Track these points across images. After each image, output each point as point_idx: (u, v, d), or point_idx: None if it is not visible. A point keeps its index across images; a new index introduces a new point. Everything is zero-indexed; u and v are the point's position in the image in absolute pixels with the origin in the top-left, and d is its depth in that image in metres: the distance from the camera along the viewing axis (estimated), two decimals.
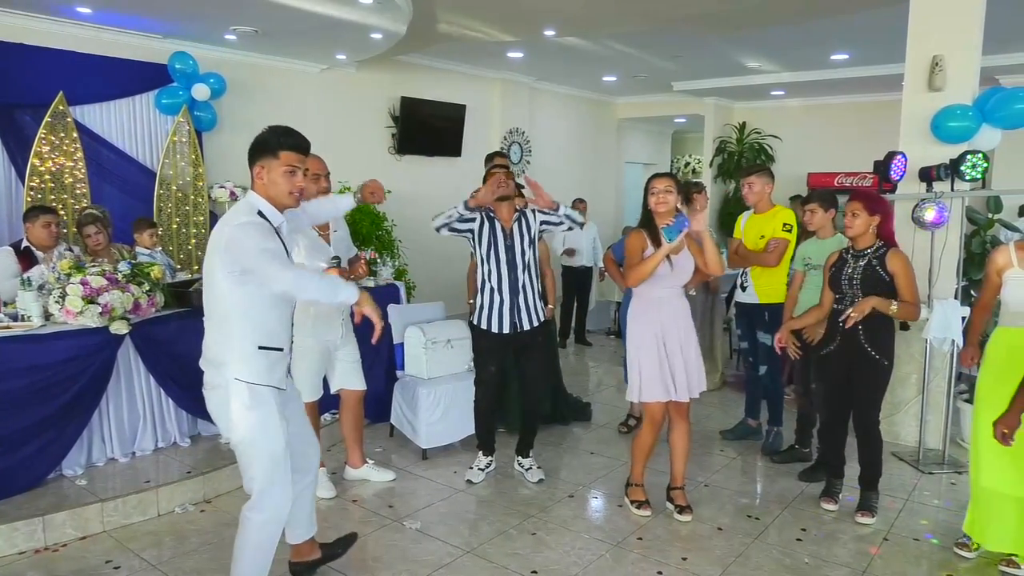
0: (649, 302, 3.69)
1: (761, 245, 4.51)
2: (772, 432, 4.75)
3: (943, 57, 4.64)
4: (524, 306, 4.02)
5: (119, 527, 3.60)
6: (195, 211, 6.48)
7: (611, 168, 12.08)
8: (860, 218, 3.62)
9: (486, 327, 4.04)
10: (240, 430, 2.56)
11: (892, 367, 3.71)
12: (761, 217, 4.58)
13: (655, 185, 3.66)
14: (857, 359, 3.67)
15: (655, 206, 3.63)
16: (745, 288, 4.65)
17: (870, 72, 8.54)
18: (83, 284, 3.81)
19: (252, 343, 2.53)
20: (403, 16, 5.88)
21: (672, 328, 3.66)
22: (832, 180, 10.00)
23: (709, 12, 6.10)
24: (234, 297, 2.50)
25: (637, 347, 3.70)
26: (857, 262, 3.67)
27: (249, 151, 2.62)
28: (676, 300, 3.71)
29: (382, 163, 8.25)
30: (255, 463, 2.59)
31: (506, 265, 3.98)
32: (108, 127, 6.16)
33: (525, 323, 4.04)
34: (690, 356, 3.70)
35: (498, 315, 4.01)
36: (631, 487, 3.94)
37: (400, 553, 3.41)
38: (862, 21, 6.33)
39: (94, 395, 3.87)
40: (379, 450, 4.73)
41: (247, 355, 2.53)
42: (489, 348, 4.09)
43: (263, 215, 2.55)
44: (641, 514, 3.81)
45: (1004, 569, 3.26)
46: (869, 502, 3.80)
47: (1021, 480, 3.17)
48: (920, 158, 4.65)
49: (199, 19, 5.83)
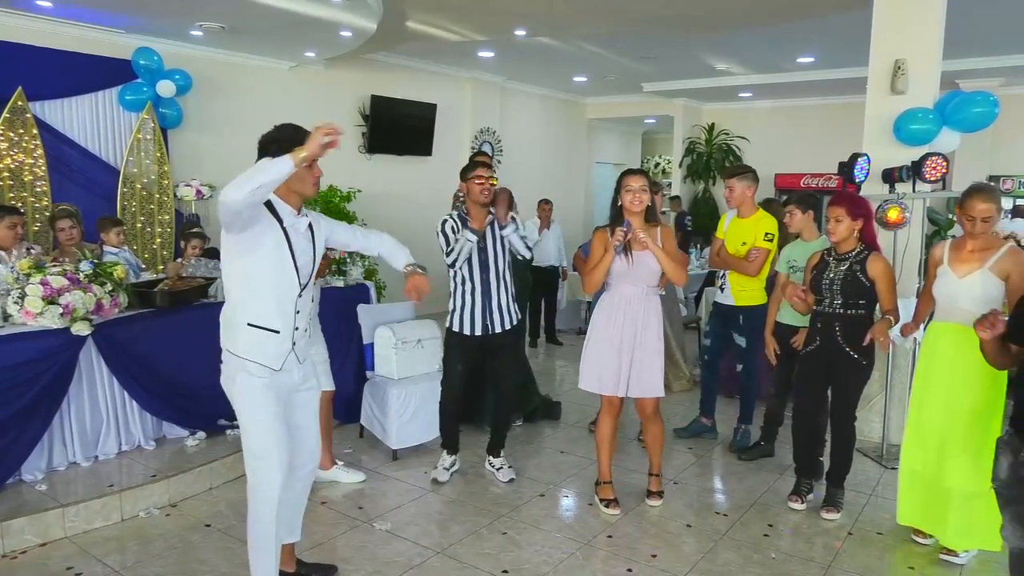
0: (614, 298, 3.74)
1: (743, 252, 4.53)
2: (741, 430, 4.81)
3: (905, 61, 4.74)
4: (496, 308, 4.03)
5: (81, 533, 3.52)
6: (160, 210, 6.38)
7: (581, 168, 12.14)
8: (844, 223, 3.65)
9: (458, 329, 4.04)
10: (234, 400, 2.66)
11: (871, 367, 3.77)
12: (745, 222, 4.58)
13: (630, 183, 3.64)
14: (836, 360, 3.73)
15: (630, 204, 3.63)
16: (723, 289, 4.70)
17: (835, 75, 8.69)
18: (43, 284, 3.72)
19: (243, 318, 2.61)
20: (373, 14, 5.84)
21: (632, 326, 3.69)
22: (799, 181, 10.17)
23: (678, 14, 6.15)
24: (231, 270, 2.61)
25: (588, 336, 3.84)
26: (839, 266, 3.71)
27: (259, 150, 2.59)
28: (642, 299, 3.71)
29: (352, 162, 8.19)
30: (244, 435, 2.65)
31: (478, 267, 3.97)
32: (70, 124, 6.03)
33: (497, 325, 4.04)
34: (646, 356, 3.70)
35: (470, 317, 4.01)
36: (600, 485, 3.97)
37: (370, 555, 3.38)
38: (828, 25, 6.44)
39: (55, 398, 3.79)
40: (349, 451, 4.69)
41: (236, 328, 2.61)
42: (459, 349, 4.08)
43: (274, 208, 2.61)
44: (610, 512, 3.84)
45: (943, 557, 3.40)
46: (835, 499, 3.87)
47: (927, 456, 3.39)
48: (883, 160, 4.74)
49: (164, 14, 5.73)
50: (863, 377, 3.77)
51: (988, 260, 3.20)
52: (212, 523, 3.69)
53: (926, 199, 4.77)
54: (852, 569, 3.31)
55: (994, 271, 3.19)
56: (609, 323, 3.73)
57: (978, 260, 3.23)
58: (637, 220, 3.66)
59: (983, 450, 3.08)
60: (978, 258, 3.23)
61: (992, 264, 3.19)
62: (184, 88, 6.43)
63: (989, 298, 3.20)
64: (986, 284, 3.20)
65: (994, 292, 3.20)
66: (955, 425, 3.27)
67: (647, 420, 3.88)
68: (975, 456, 3.19)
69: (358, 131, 8.34)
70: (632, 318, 3.70)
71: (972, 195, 3.21)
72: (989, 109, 4.59)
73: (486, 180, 3.89)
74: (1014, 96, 8.38)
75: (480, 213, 3.97)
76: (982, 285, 3.20)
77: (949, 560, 3.37)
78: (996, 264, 3.19)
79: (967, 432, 3.24)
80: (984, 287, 3.20)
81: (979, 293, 3.21)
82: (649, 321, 3.72)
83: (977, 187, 3.24)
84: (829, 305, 3.71)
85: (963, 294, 3.25)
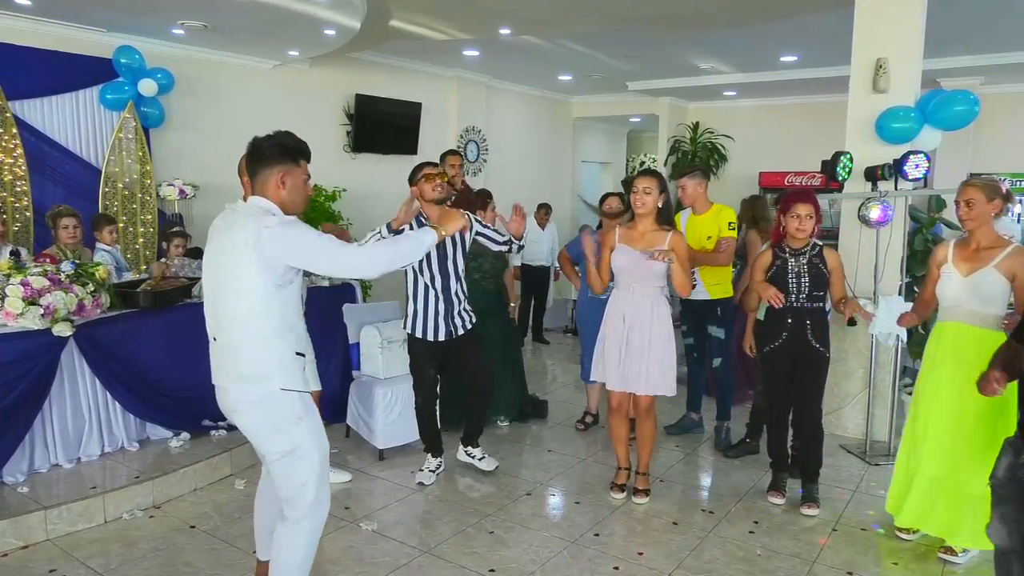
0: (621, 296, 3.83)
1: (709, 246, 4.57)
2: (724, 428, 4.82)
3: (887, 60, 4.78)
4: (458, 312, 4.01)
5: (64, 535, 3.48)
6: (143, 209, 6.31)
7: (567, 167, 12.13)
8: (814, 219, 3.72)
9: (421, 335, 4.00)
10: (295, 440, 2.46)
11: (830, 358, 3.87)
12: (703, 218, 4.62)
13: (635, 183, 3.75)
14: (803, 354, 3.78)
15: (634, 206, 3.73)
16: (694, 286, 4.71)
17: (818, 74, 8.72)
18: (24, 285, 3.68)
19: (291, 350, 2.45)
20: (357, 13, 5.81)
21: (639, 325, 3.75)
22: (783, 179, 10.22)
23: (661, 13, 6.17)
24: (272, 305, 2.39)
25: (600, 333, 3.93)
26: (798, 260, 3.75)
27: (261, 157, 2.47)
28: (642, 299, 3.76)
29: (337, 161, 8.15)
30: (309, 470, 2.49)
31: (439, 273, 3.93)
32: (50, 123, 5.94)
33: (459, 328, 4.03)
34: (654, 353, 3.76)
35: (433, 323, 3.97)
36: (618, 471, 4.11)
37: (356, 555, 3.37)
38: (811, 24, 6.47)
39: (36, 399, 3.75)
40: (335, 451, 4.66)
41: (288, 364, 2.44)
42: (425, 355, 4.05)
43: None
44: (614, 496, 3.99)
45: (942, 556, 3.39)
46: (813, 494, 3.92)
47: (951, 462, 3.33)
48: (865, 158, 4.78)
49: (145, 12, 5.67)
50: (827, 368, 3.88)
51: (994, 259, 3.22)
52: (197, 524, 3.66)
53: (908, 197, 4.81)
54: (836, 565, 3.34)
55: (1000, 270, 3.20)
56: (615, 320, 3.81)
57: (984, 259, 3.24)
58: (646, 222, 3.74)
59: (989, 451, 3.07)
60: (984, 257, 3.25)
61: (998, 262, 3.20)
62: (166, 87, 6.36)
63: (994, 296, 3.22)
64: (992, 283, 3.21)
65: (999, 291, 3.22)
66: (964, 425, 3.25)
67: (640, 417, 3.93)
68: (982, 457, 3.12)
69: (343, 130, 8.30)
70: (635, 315, 3.75)
71: (963, 184, 3.33)
72: (969, 107, 4.64)
73: (436, 176, 3.80)
74: (995, 94, 8.45)
75: (437, 214, 3.79)
76: (988, 283, 3.21)
77: (947, 559, 3.36)
78: (1002, 263, 3.20)
79: (974, 432, 3.21)
80: (990, 285, 3.21)
81: (985, 291, 3.22)
82: (655, 320, 3.76)
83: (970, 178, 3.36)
84: (796, 299, 3.74)
85: (968, 293, 3.26)
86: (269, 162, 2.47)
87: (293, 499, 2.53)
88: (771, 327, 3.86)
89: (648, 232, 3.76)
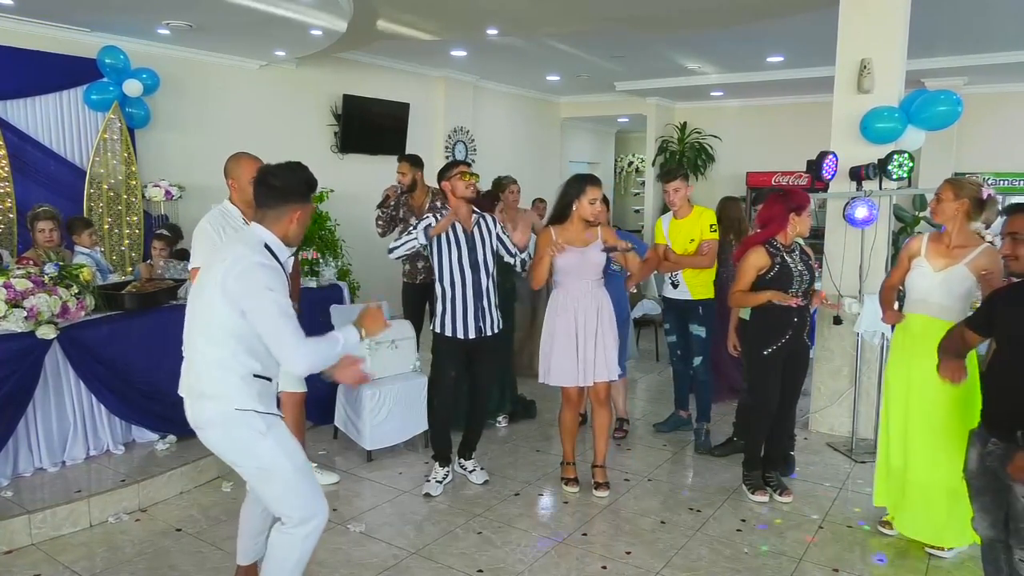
0: (565, 293, 3.91)
1: (692, 248, 4.58)
2: (703, 431, 4.80)
3: (871, 60, 4.81)
4: (487, 309, 3.98)
5: (48, 539, 3.45)
6: (128, 211, 6.27)
7: (555, 167, 12.14)
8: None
9: (450, 333, 3.94)
10: (262, 458, 2.44)
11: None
12: (685, 222, 4.62)
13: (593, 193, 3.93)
14: (796, 351, 3.82)
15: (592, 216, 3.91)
16: (677, 285, 4.71)
17: (804, 74, 8.78)
18: (6, 287, 3.64)
19: (248, 371, 2.41)
20: (343, 13, 5.80)
21: (584, 316, 3.85)
22: (770, 179, 10.28)
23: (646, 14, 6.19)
24: (236, 323, 2.35)
25: (545, 333, 3.96)
26: (792, 255, 3.78)
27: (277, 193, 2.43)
28: (590, 291, 3.88)
29: (324, 162, 8.12)
30: (285, 486, 2.47)
31: (469, 269, 3.91)
32: (34, 123, 5.88)
33: (488, 328, 3.99)
34: (602, 341, 3.87)
35: (463, 320, 3.93)
36: (563, 466, 4.14)
37: (344, 557, 3.36)
38: (796, 25, 6.51)
39: (19, 403, 3.71)
40: (323, 452, 4.66)
41: (245, 383, 2.41)
42: (451, 354, 4.00)
43: (270, 250, 2.42)
44: (569, 490, 4.06)
45: (929, 551, 3.42)
46: (784, 483, 4.04)
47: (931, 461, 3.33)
48: (850, 158, 4.81)
49: (130, 12, 5.63)
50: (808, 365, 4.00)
51: (966, 257, 3.27)
52: (183, 527, 3.64)
53: (892, 196, 4.85)
54: (823, 562, 3.36)
55: (970, 268, 3.25)
56: (565, 318, 3.87)
57: (956, 256, 3.30)
58: (580, 224, 3.94)
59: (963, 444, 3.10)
60: (956, 254, 3.30)
61: (969, 261, 3.26)
62: (151, 87, 6.32)
63: (962, 294, 3.27)
64: (962, 280, 3.26)
65: (966, 289, 3.27)
66: (936, 417, 3.28)
67: (598, 406, 4.02)
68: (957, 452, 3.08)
69: (330, 131, 8.28)
70: (584, 309, 3.85)
71: (941, 184, 3.41)
72: (952, 107, 4.68)
73: (469, 175, 3.90)
74: (978, 95, 8.54)
75: (466, 212, 3.93)
76: (958, 280, 3.27)
77: (935, 554, 3.38)
78: (973, 261, 3.25)
79: (947, 423, 3.24)
80: (960, 282, 3.27)
81: (955, 288, 3.27)
82: (601, 308, 3.90)
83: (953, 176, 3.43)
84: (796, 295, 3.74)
85: (937, 288, 3.31)
86: (287, 199, 2.43)
87: (278, 510, 2.54)
88: (774, 327, 3.79)
89: (582, 231, 3.93)
